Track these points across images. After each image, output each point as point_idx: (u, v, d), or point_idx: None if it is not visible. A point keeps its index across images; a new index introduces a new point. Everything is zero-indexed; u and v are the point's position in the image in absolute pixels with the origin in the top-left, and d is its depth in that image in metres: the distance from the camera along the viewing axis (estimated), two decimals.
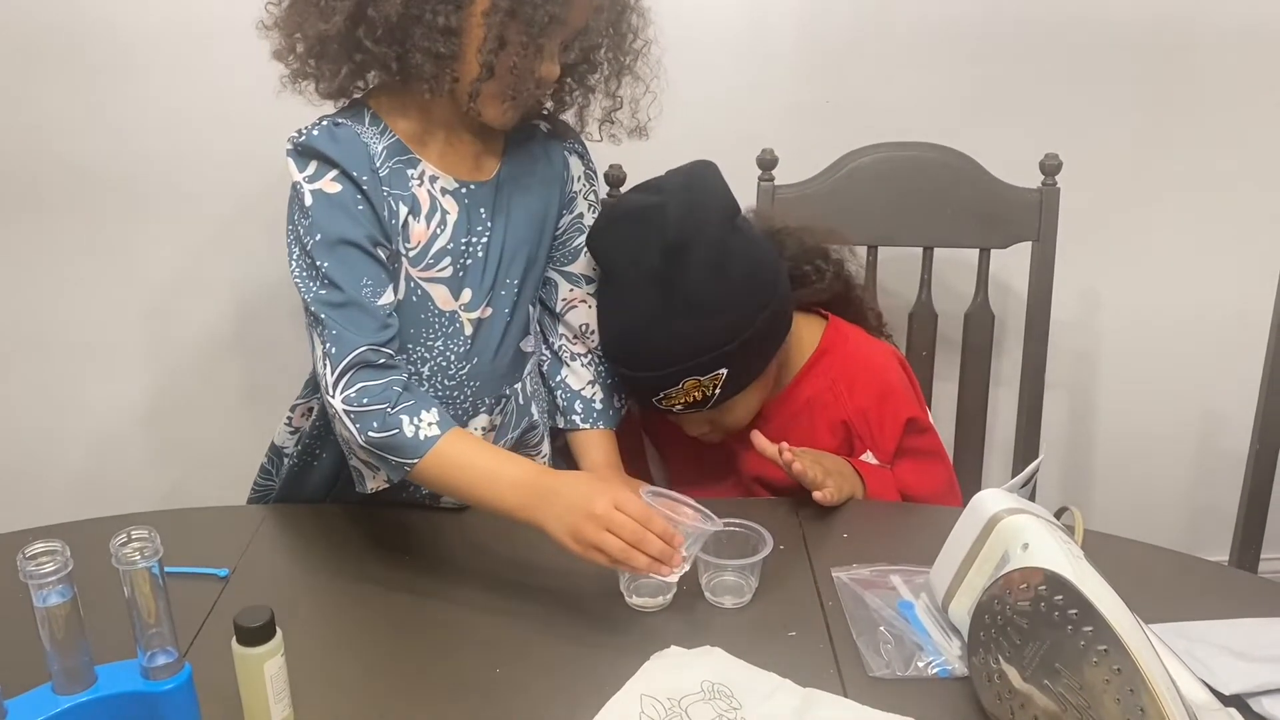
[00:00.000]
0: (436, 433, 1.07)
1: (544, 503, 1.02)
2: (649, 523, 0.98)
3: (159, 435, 1.89)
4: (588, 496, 1.00)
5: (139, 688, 0.85)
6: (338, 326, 1.10)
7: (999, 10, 1.70)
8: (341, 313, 1.11)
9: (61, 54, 1.64)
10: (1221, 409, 1.96)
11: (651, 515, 0.99)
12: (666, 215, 1.21)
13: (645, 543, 0.98)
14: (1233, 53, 1.74)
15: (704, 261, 1.21)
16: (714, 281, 1.21)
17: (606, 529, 0.98)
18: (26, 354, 1.82)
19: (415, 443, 1.06)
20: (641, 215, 1.23)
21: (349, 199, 1.14)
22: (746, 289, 1.24)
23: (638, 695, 0.94)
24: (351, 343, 1.10)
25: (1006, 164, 1.57)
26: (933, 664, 0.98)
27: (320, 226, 1.13)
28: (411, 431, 1.06)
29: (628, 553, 0.98)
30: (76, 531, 1.02)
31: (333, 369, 1.09)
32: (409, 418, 1.07)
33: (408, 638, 1.05)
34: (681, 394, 1.25)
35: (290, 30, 1.16)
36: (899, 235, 1.59)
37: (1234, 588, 1.16)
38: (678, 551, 0.99)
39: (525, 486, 1.04)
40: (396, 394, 1.08)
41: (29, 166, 1.71)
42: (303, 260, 1.14)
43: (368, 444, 1.07)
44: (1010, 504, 0.99)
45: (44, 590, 0.80)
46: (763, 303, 1.25)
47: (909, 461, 1.36)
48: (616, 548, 0.98)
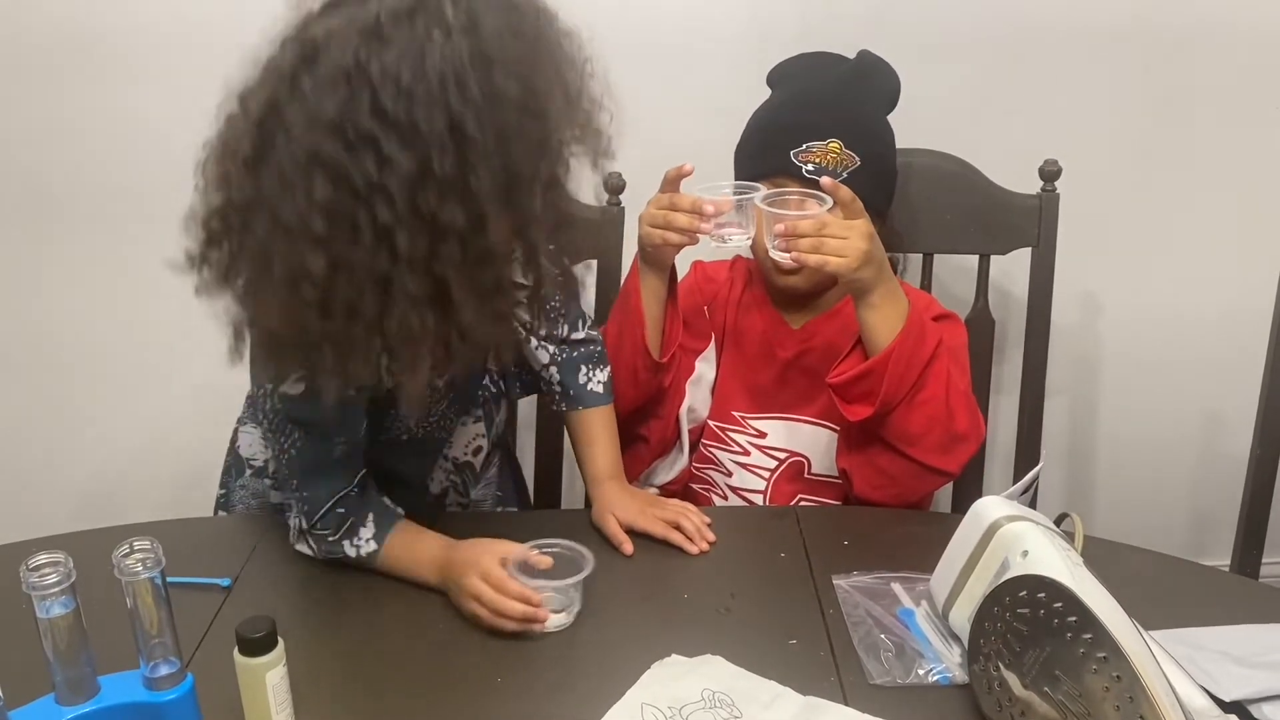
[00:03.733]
0: (374, 548, 1.15)
1: (449, 579, 1.10)
2: (503, 590, 1.05)
3: (161, 445, 1.90)
4: (462, 573, 1.08)
5: (142, 698, 0.85)
6: (310, 488, 1.14)
7: (998, 16, 1.70)
8: (317, 473, 1.13)
9: (68, 61, 1.65)
10: (1222, 413, 1.96)
11: (504, 584, 1.05)
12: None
13: (504, 609, 1.04)
14: (1231, 58, 1.74)
15: (888, 94, 1.39)
16: (884, 116, 1.40)
17: (474, 599, 1.06)
18: (30, 364, 1.83)
19: (359, 559, 1.15)
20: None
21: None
22: (891, 142, 1.40)
23: (639, 704, 0.94)
24: (323, 498, 1.13)
25: (1006, 170, 1.57)
26: (933, 671, 0.99)
27: (297, 412, 1.11)
28: (354, 552, 1.15)
29: (493, 620, 1.05)
30: (79, 542, 1.02)
31: (306, 521, 1.15)
32: (349, 541, 1.15)
33: (409, 647, 1.05)
34: (821, 152, 1.30)
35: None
36: (898, 241, 1.59)
37: (1233, 593, 1.16)
38: (539, 609, 1.04)
39: (439, 568, 1.12)
40: (339, 516, 1.14)
41: (35, 175, 1.71)
42: (273, 424, 1.14)
43: (323, 557, 1.16)
44: (1010, 511, 0.99)
45: (47, 601, 0.80)
46: (894, 162, 1.41)
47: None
48: (485, 616, 1.05)
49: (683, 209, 1.22)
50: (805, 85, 1.40)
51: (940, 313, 1.39)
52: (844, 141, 1.31)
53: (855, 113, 1.36)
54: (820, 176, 1.28)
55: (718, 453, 1.44)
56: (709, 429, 1.45)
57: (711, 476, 1.45)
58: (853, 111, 1.35)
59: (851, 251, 1.16)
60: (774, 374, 1.41)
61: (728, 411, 1.43)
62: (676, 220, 1.23)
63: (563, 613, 1.08)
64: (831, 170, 1.30)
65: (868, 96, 1.39)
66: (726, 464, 1.43)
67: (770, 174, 1.33)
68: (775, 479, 1.40)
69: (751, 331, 1.43)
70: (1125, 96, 1.76)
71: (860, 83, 1.39)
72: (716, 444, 1.44)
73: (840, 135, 1.31)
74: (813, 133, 1.31)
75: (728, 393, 1.44)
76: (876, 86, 1.39)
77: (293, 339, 0.94)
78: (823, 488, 1.40)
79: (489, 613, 1.05)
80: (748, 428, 1.42)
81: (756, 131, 1.40)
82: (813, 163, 1.31)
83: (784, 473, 1.41)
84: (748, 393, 1.43)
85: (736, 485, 1.42)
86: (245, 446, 1.35)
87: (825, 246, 1.16)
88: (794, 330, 1.43)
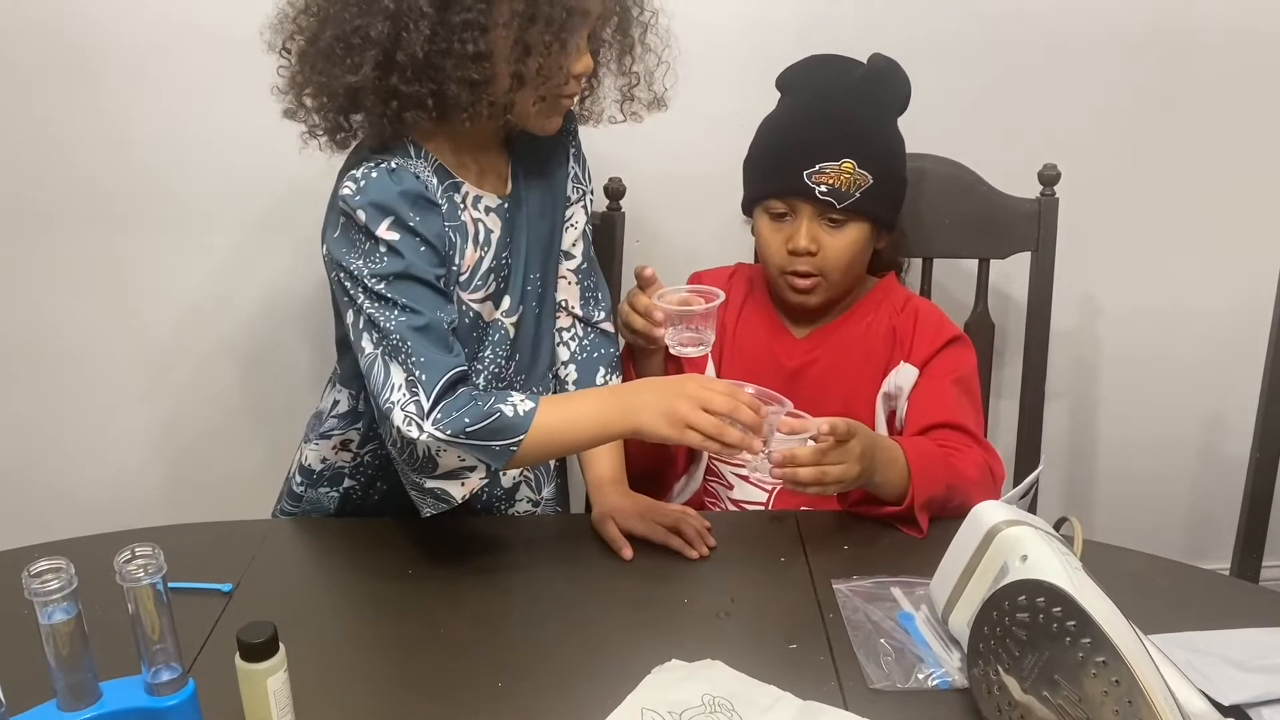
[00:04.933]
0: (531, 405, 1.11)
1: (636, 402, 1.10)
2: (737, 396, 1.07)
3: (163, 451, 1.90)
4: (678, 382, 1.11)
5: (143, 704, 0.85)
6: (425, 352, 1.11)
7: (997, 20, 1.70)
8: (426, 336, 1.12)
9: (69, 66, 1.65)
10: (1222, 416, 1.96)
11: (738, 390, 1.08)
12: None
13: (737, 413, 1.06)
14: (1230, 61, 1.74)
15: (899, 100, 1.39)
16: (896, 124, 1.39)
17: (701, 406, 1.06)
18: (31, 368, 1.83)
19: (517, 420, 1.10)
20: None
21: (417, 242, 1.14)
22: (902, 151, 1.41)
23: (638, 709, 0.94)
24: (441, 366, 1.10)
25: (1005, 174, 1.57)
26: (933, 676, 0.99)
27: (392, 267, 1.12)
28: (511, 411, 1.09)
29: (720, 427, 1.05)
30: (81, 548, 1.02)
31: (426, 395, 1.09)
32: (502, 403, 1.10)
33: (410, 652, 1.06)
34: (834, 173, 1.31)
35: (315, 90, 1.14)
36: (905, 244, 1.59)
37: (1233, 597, 1.16)
38: (764, 420, 1.06)
39: (615, 404, 1.12)
40: (480, 396, 1.11)
41: (33, 179, 1.71)
42: (373, 297, 1.13)
43: (469, 436, 1.08)
44: (1009, 516, 0.99)
45: (49, 607, 0.81)
46: (905, 170, 1.41)
47: (952, 389, 1.35)
48: (710, 423, 1.06)
49: (637, 311, 1.25)
50: (817, 96, 1.39)
51: (950, 336, 1.39)
52: (857, 161, 1.31)
53: (868, 129, 1.36)
54: (833, 199, 1.31)
55: (720, 465, 1.43)
56: None
57: (715, 489, 1.44)
58: (865, 128, 1.35)
59: (851, 476, 1.17)
60: (778, 384, 1.40)
61: None
62: (634, 322, 1.26)
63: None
64: (845, 191, 1.31)
65: (880, 106, 1.39)
66: (728, 476, 1.43)
67: (782, 194, 1.34)
68: (777, 492, 1.40)
69: (754, 340, 1.43)
70: (1124, 100, 1.76)
71: (873, 91, 1.38)
72: (719, 457, 1.44)
73: (853, 155, 1.31)
74: (826, 153, 1.31)
75: None
76: (889, 93, 1.39)
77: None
78: (825, 500, 1.40)
79: (714, 421, 1.05)
80: None
81: (768, 148, 1.40)
82: (826, 184, 1.31)
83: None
84: None
85: (738, 498, 1.42)
86: (306, 456, 1.36)
87: (828, 476, 1.16)
88: (798, 340, 1.43)
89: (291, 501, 1.38)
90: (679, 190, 1.71)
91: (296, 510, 1.38)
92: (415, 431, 1.08)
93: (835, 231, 1.34)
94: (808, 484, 1.16)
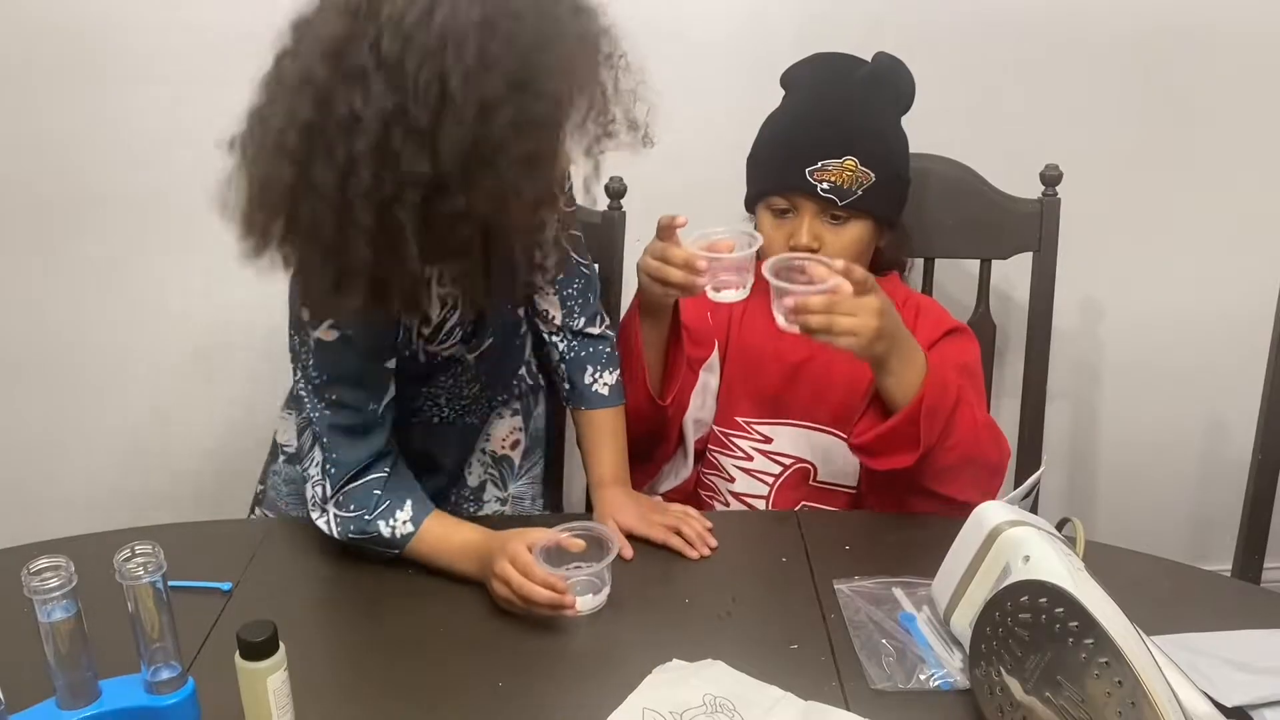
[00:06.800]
0: (411, 530, 1.14)
1: (485, 566, 1.10)
2: (529, 575, 1.05)
3: (161, 449, 1.90)
4: (494, 558, 1.08)
5: (143, 702, 0.85)
6: (339, 448, 1.14)
7: (998, 20, 1.70)
8: (344, 435, 1.14)
9: (65, 66, 1.65)
10: (1224, 418, 1.96)
11: (529, 569, 1.05)
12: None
13: (530, 595, 1.04)
14: (1232, 62, 1.74)
15: (903, 99, 1.40)
16: (899, 122, 1.39)
17: (503, 583, 1.06)
18: (33, 369, 1.83)
19: (392, 539, 1.14)
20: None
21: (357, 340, 1.12)
22: (905, 149, 1.41)
23: (640, 709, 0.94)
24: (350, 463, 1.14)
25: (1007, 175, 1.57)
26: (935, 676, 0.98)
27: (324, 369, 1.13)
28: (389, 531, 1.14)
29: (523, 606, 1.06)
30: (80, 546, 1.02)
31: (331, 486, 1.14)
32: (384, 521, 1.14)
33: (410, 651, 1.05)
34: (836, 171, 1.30)
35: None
36: (907, 244, 1.59)
37: (1235, 599, 1.16)
38: (566, 593, 1.04)
39: (479, 555, 1.12)
40: (376, 498, 1.14)
41: (41, 182, 1.71)
42: (308, 379, 1.14)
43: (353, 538, 1.15)
44: (1011, 516, 0.99)
45: (48, 605, 0.81)
46: (908, 169, 1.41)
47: (955, 374, 1.31)
48: (516, 602, 1.06)
49: (675, 264, 1.20)
50: (820, 93, 1.39)
51: (952, 326, 1.39)
52: (859, 159, 1.31)
53: (871, 128, 1.36)
54: (835, 196, 1.30)
55: (721, 458, 1.44)
56: (713, 434, 1.44)
57: (714, 482, 1.45)
58: (868, 126, 1.35)
59: (863, 330, 1.13)
60: (781, 379, 1.41)
61: (731, 417, 1.43)
62: (670, 275, 1.21)
63: (594, 595, 1.09)
64: (847, 189, 1.31)
65: (884, 105, 1.39)
66: (729, 469, 1.43)
67: (785, 190, 1.34)
68: (779, 485, 1.40)
69: (756, 335, 1.43)
70: (1126, 101, 1.76)
71: (876, 90, 1.38)
72: (720, 449, 1.44)
73: (856, 153, 1.31)
74: (828, 150, 1.31)
75: (732, 398, 1.44)
76: (892, 92, 1.39)
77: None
78: (827, 495, 1.40)
79: (518, 599, 1.05)
80: (752, 433, 1.42)
81: (771, 145, 1.40)
82: (828, 181, 1.31)
83: (788, 479, 1.41)
84: (753, 397, 1.43)
85: (739, 491, 1.42)
86: (281, 433, 1.36)
87: (837, 325, 1.13)
88: (800, 334, 1.42)
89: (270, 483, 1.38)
90: (679, 189, 1.70)
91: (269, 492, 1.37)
92: (318, 514, 1.16)
93: (837, 229, 1.34)
94: (816, 330, 1.14)
